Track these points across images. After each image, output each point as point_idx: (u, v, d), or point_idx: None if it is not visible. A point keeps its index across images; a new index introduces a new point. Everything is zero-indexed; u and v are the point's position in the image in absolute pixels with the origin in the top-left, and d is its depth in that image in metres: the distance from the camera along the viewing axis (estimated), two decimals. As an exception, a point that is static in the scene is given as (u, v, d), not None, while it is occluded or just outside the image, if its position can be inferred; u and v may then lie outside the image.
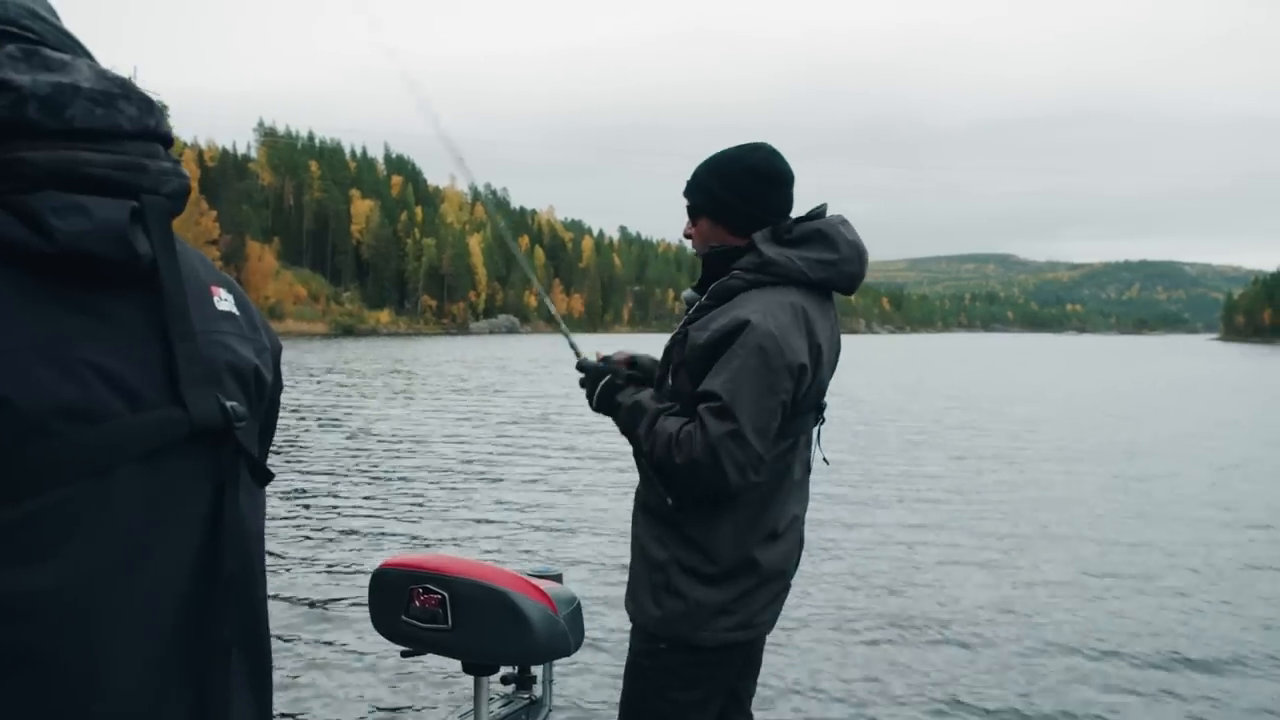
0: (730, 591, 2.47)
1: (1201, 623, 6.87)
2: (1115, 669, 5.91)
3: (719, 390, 2.35)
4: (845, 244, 2.56)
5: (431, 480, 12.36)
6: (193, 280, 1.22)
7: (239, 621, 1.22)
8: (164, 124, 1.21)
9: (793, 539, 2.62)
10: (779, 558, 2.54)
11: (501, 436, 17.22)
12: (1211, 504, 11.50)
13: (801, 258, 2.50)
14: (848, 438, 16.86)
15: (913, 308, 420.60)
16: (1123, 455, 15.82)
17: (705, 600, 2.46)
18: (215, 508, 1.19)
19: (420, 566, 2.40)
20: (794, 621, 6.49)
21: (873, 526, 9.84)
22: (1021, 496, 11.82)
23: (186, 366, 1.15)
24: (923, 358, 67.72)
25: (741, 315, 2.40)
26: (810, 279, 2.51)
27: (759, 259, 2.49)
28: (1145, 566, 8.44)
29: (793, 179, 2.62)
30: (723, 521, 2.46)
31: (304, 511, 10.11)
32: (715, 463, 2.33)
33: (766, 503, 2.51)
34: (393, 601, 2.40)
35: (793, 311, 2.45)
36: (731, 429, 2.32)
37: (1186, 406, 27.08)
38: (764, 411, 2.36)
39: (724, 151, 2.64)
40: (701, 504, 2.45)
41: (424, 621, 2.36)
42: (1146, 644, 6.37)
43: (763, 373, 2.36)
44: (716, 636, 2.48)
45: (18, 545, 1.00)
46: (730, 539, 2.46)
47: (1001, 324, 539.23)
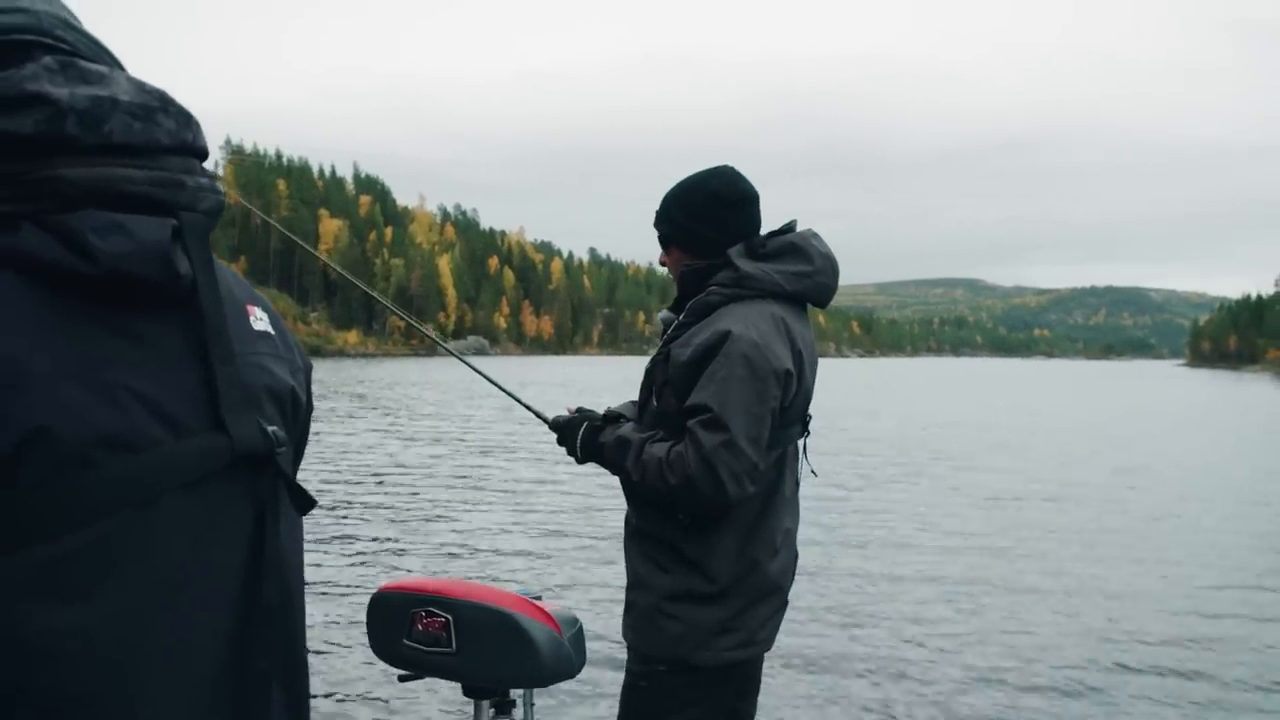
0: (729, 609, 2.45)
1: (1196, 663, 6.86)
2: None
3: (708, 402, 2.34)
4: (819, 256, 2.59)
5: (408, 505, 12.28)
6: (230, 300, 1.17)
7: (278, 653, 1.17)
8: (201, 138, 1.16)
9: (787, 553, 2.60)
10: (776, 572, 2.53)
11: (475, 461, 17.11)
12: (1218, 541, 10.99)
13: (778, 271, 2.52)
14: (836, 464, 16.85)
15: (882, 331, 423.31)
16: (1130, 487, 15.41)
17: (704, 620, 2.44)
18: (257, 537, 1.14)
19: (422, 590, 2.35)
20: (794, 645, 6.45)
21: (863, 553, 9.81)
22: (1017, 530, 11.72)
23: (228, 390, 1.11)
24: (900, 383, 67.82)
25: (723, 327, 2.40)
26: (786, 291, 2.52)
27: (736, 274, 2.50)
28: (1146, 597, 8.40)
29: (757, 198, 2.64)
30: (720, 539, 2.44)
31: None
32: (712, 475, 2.31)
33: (761, 517, 2.49)
34: (393, 625, 2.34)
35: (773, 321, 2.46)
36: (725, 439, 2.31)
37: (1174, 435, 26.82)
38: (755, 419, 2.35)
39: (687, 180, 2.65)
40: (699, 522, 2.44)
41: (427, 645, 2.30)
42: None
43: (750, 381, 2.35)
44: (718, 656, 2.45)
45: (58, 582, 0.95)
46: (728, 556, 2.44)
47: (970, 348, 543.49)
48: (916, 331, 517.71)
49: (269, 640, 1.15)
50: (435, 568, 8.84)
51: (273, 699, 1.16)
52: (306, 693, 1.27)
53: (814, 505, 11.73)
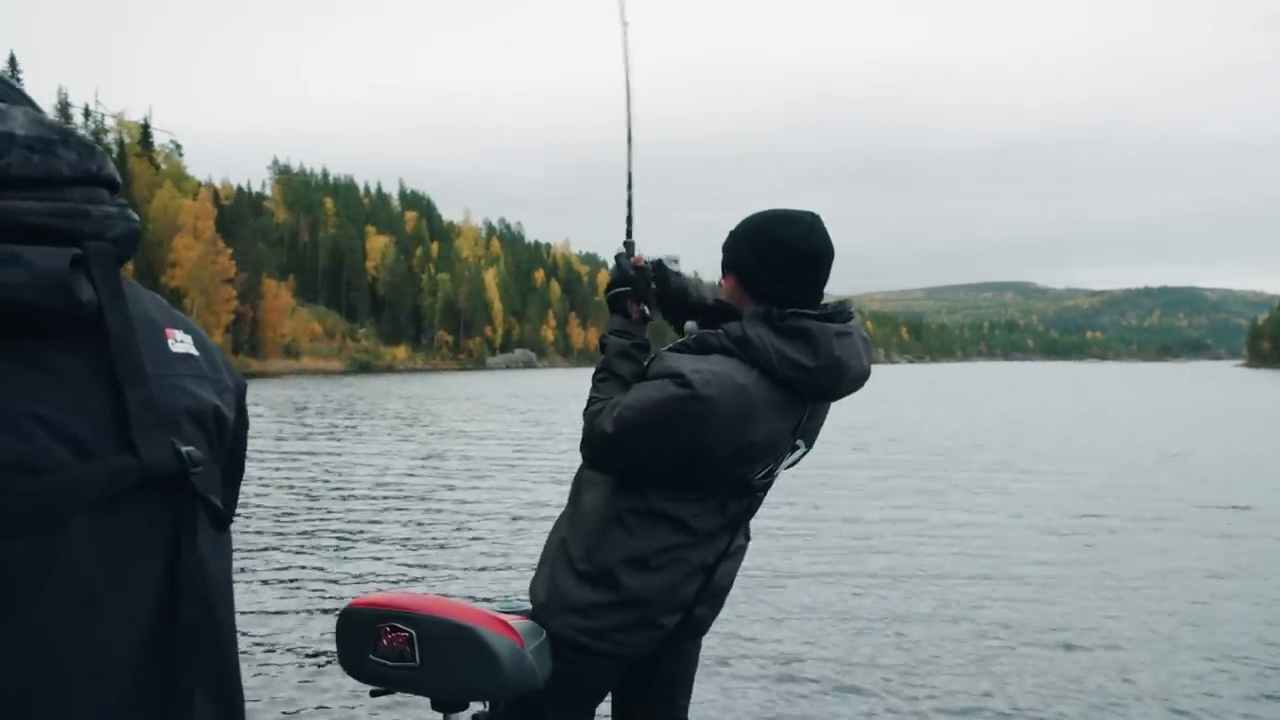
0: (589, 595, 2.53)
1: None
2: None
3: (625, 401, 2.47)
4: (826, 354, 2.48)
5: (397, 518, 12.26)
6: (145, 324, 1.20)
7: (205, 669, 1.21)
8: (106, 168, 1.20)
9: (663, 579, 2.55)
10: (640, 588, 2.53)
11: (470, 473, 17.05)
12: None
13: (777, 349, 2.45)
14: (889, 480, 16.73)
15: (932, 337, 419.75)
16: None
17: (567, 591, 2.55)
18: (174, 554, 1.17)
19: (387, 605, 2.41)
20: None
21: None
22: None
23: (139, 413, 1.13)
24: (950, 390, 66.85)
25: (685, 368, 2.44)
26: (777, 374, 2.46)
27: (740, 332, 2.47)
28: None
29: (831, 257, 2.56)
30: (606, 530, 2.54)
31: (268, 553, 9.98)
32: (588, 441, 2.54)
33: (648, 531, 2.53)
34: (360, 641, 2.41)
35: (735, 393, 2.42)
36: (612, 433, 2.45)
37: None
38: (644, 447, 2.46)
39: (767, 217, 2.59)
40: (600, 509, 2.57)
41: (392, 660, 2.37)
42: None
43: (661, 422, 2.43)
44: (566, 631, 2.54)
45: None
46: (606, 548, 2.53)
47: (1022, 352, 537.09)
48: (967, 336, 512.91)
49: (191, 655, 1.17)
50: (422, 581, 8.86)
51: (201, 715, 1.19)
52: (239, 705, 1.30)
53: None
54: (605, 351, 2.68)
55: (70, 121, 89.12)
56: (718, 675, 6.15)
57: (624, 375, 2.61)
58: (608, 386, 2.60)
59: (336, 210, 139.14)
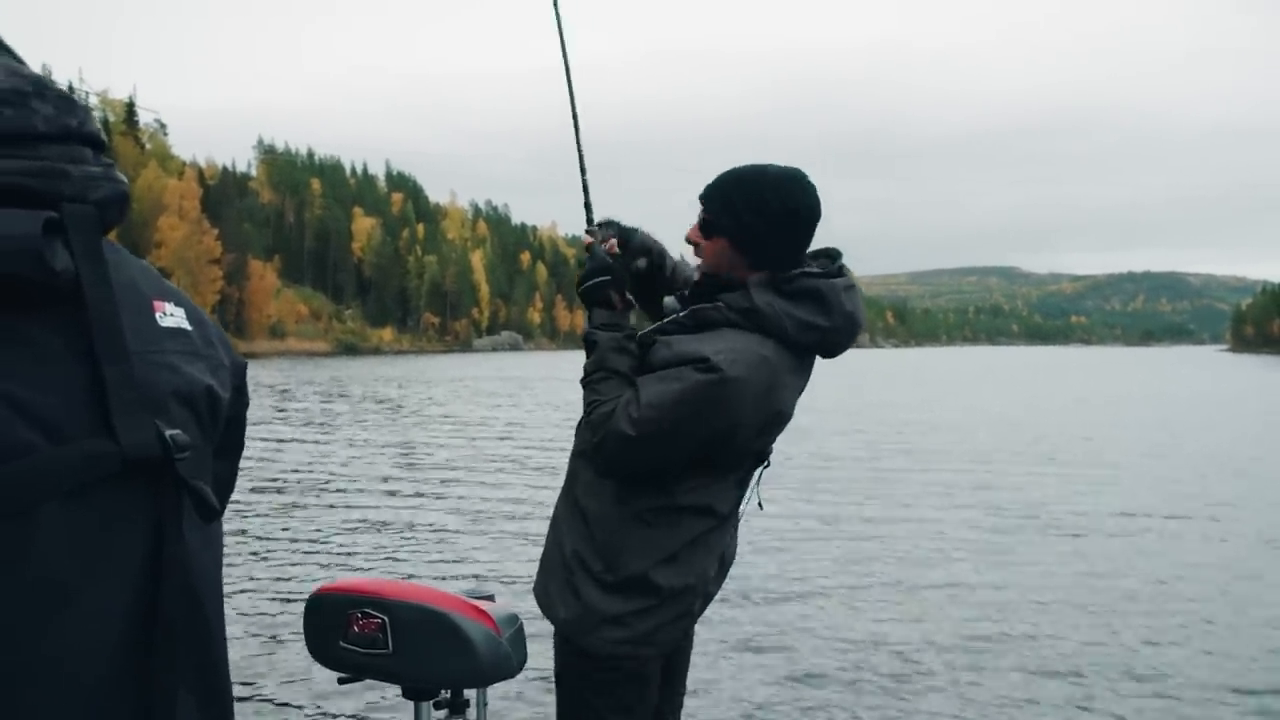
0: (623, 605, 2.41)
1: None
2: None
3: (644, 400, 2.30)
4: (840, 313, 2.40)
5: (366, 502, 12.19)
6: (131, 295, 1.10)
7: (191, 669, 1.12)
8: (89, 123, 1.09)
9: (695, 570, 2.46)
10: (676, 583, 2.42)
11: (444, 458, 16.94)
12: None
13: (789, 314, 2.36)
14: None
15: (916, 321, 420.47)
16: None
17: (601, 608, 2.41)
18: (155, 545, 1.07)
19: (358, 590, 2.34)
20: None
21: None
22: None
23: (118, 392, 1.04)
24: (942, 377, 66.71)
25: (704, 351, 2.29)
26: (791, 338, 2.37)
27: (747, 303, 2.36)
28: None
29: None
30: (628, 534, 2.40)
31: (236, 537, 9.87)
32: (602, 449, 2.35)
33: (674, 525, 2.41)
34: (330, 627, 2.33)
35: (760, 367, 2.32)
36: (632, 435, 2.28)
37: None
38: (671, 444, 2.32)
39: (764, 177, 2.41)
40: (613, 515, 2.41)
41: (363, 647, 2.29)
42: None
43: (691, 414, 2.29)
44: (603, 646, 2.42)
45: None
46: (632, 553, 2.39)
47: (1006, 337, 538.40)
48: (952, 321, 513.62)
49: (174, 653, 1.09)
50: (389, 567, 8.76)
51: (185, 711, 1.11)
52: (227, 703, 1.22)
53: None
54: (596, 349, 2.47)
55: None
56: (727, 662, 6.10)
57: (623, 370, 2.42)
58: (609, 386, 2.41)
59: (323, 191, 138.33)
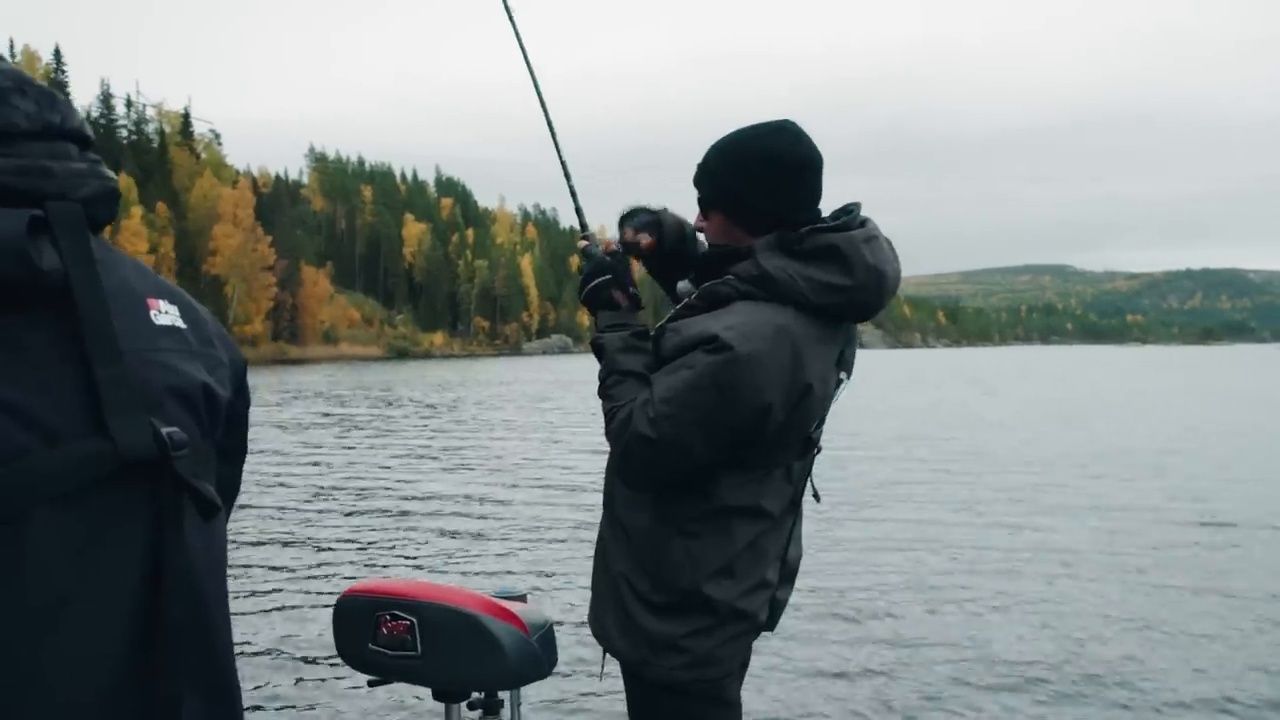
0: (679, 627, 2.21)
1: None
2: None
3: (658, 396, 2.13)
4: (863, 268, 2.16)
5: (397, 505, 12.14)
6: (123, 293, 1.09)
7: (196, 671, 1.09)
8: (72, 120, 1.07)
9: (753, 578, 2.26)
10: (734, 596, 2.23)
11: (484, 460, 16.89)
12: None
13: (805, 276, 2.14)
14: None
15: (968, 321, 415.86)
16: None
17: (655, 632, 2.22)
18: (155, 547, 1.05)
19: (386, 592, 2.34)
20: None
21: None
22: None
23: (112, 392, 1.02)
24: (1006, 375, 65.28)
25: (713, 329, 2.10)
26: (811, 303, 2.15)
27: (756, 270, 2.16)
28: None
29: (822, 163, 2.26)
30: (672, 549, 2.21)
31: (267, 541, 9.91)
32: (628, 459, 2.17)
33: (724, 533, 2.21)
34: (359, 629, 2.33)
35: (776, 339, 2.11)
36: (652, 437, 2.11)
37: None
38: (697, 439, 2.11)
39: (740, 135, 2.26)
40: (656, 529, 2.23)
41: (392, 649, 2.29)
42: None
43: (710, 401, 2.09)
44: (667, 675, 2.23)
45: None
46: (679, 569, 2.20)
47: (1060, 336, 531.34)
48: (1004, 320, 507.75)
49: (178, 659, 1.06)
50: (419, 567, 8.72)
51: (192, 713, 1.08)
52: (234, 703, 1.19)
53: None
54: (604, 353, 2.31)
55: (114, 112, 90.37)
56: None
57: (637, 369, 2.25)
58: (624, 389, 2.24)
59: (374, 198, 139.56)
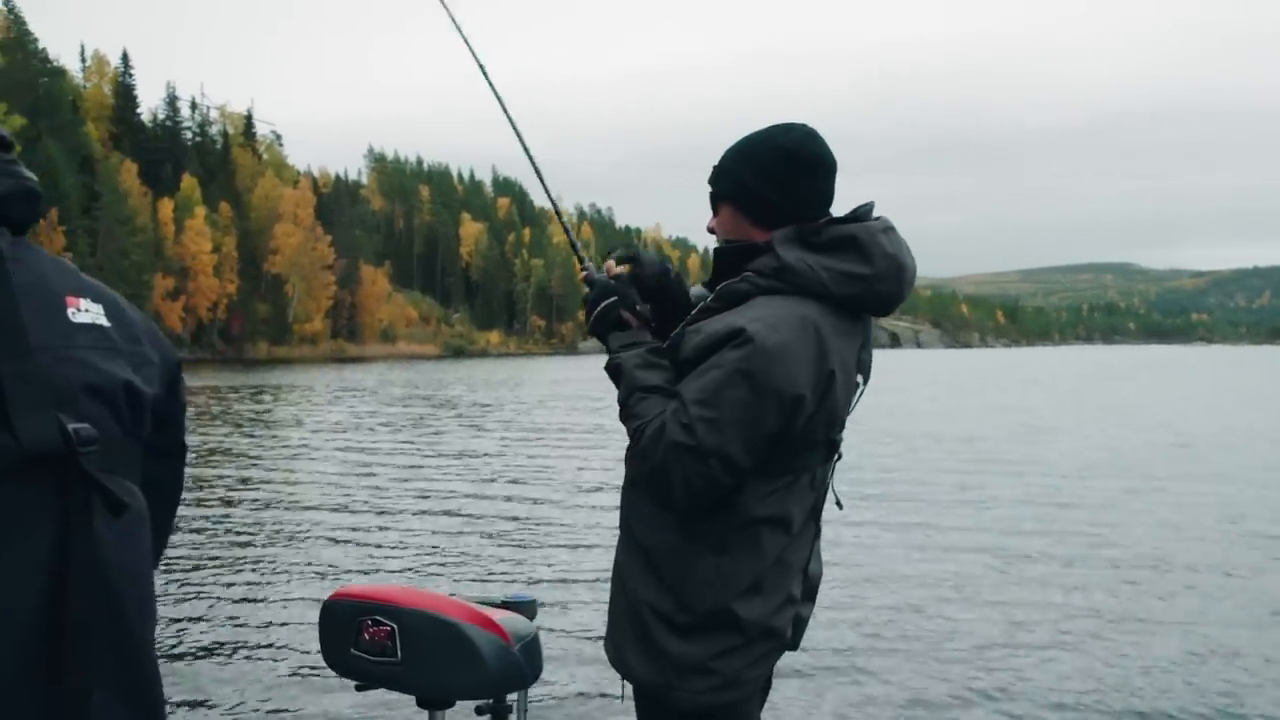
0: (705, 649, 2.14)
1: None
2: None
3: (692, 397, 2.08)
4: (881, 257, 2.17)
5: (403, 506, 12.06)
6: (38, 291, 1.10)
7: (110, 667, 1.09)
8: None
9: (781, 595, 2.21)
10: (763, 614, 2.17)
11: (515, 463, 16.73)
12: None
13: (825, 267, 2.14)
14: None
15: (1028, 320, 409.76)
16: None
17: (680, 656, 2.15)
18: (63, 543, 1.05)
19: (369, 597, 2.35)
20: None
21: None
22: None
23: (17, 388, 1.02)
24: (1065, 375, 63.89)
25: (737, 323, 2.08)
26: (833, 294, 2.15)
27: (776, 263, 2.15)
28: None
29: (835, 167, 2.27)
30: (701, 566, 2.14)
31: (258, 540, 9.92)
32: (665, 475, 2.08)
33: (753, 547, 2.15)
34: (342, 634, 2.35)
35: (802, 328, 2.10)
36: (690, 444, 2.04)
37: None
38: (735, 439, 2.05)
39: (754, 133, 2.29)
40: (681, 546, 2.16)
41: (373, 655, 2.31)
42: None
43: (744, 397, 2.04)
44: (692, 700, 2.15)
45: None
46: (705, 587, 2.13)
47: (1122, 335, 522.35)
48: (1065, 319, 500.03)
49: (88, 655, 1.05)
50: (422, 572, 8.71)
51: (107, 712, 1.09)
52: (154, 701, 1.19)
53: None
54: (622, 373, 2.25)
55: (179, 114, 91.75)
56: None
57: (659, 384, 2.19)
58: (648, 404, 2.17)
59: (431, 197, 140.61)
